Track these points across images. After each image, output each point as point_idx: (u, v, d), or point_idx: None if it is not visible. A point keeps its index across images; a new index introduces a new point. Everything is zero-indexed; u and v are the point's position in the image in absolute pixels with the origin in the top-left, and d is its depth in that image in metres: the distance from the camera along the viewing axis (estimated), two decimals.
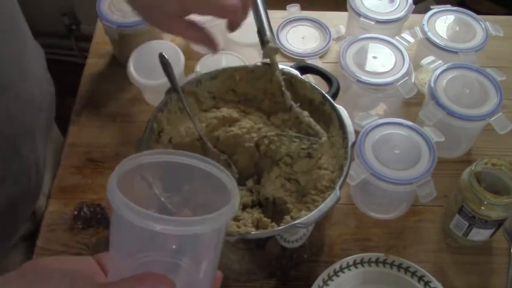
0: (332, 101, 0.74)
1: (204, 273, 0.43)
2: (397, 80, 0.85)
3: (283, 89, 0.75)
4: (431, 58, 0.89)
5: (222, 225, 0.41)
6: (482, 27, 0.94)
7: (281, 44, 1.01)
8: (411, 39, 0.92)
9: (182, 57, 0.92)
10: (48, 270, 0.43)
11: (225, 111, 0.77)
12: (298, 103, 0.75)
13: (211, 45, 0.69)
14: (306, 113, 0.74)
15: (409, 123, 0.81)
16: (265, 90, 0.78)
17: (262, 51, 0.75)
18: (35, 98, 0.77)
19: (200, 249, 0.43)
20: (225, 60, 0.93)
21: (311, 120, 0.74)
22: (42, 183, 0.84)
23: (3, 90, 0.69)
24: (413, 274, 0.74)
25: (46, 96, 0.82)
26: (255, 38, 0.76)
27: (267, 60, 0.76)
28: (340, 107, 0.73)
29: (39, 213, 0.85)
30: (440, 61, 0.88)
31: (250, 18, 0.77)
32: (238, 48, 0.95)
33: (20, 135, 0.73)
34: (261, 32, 0.74)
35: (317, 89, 0.75)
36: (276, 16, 1.03)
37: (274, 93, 0.78)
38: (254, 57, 0.91)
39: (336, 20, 1.06)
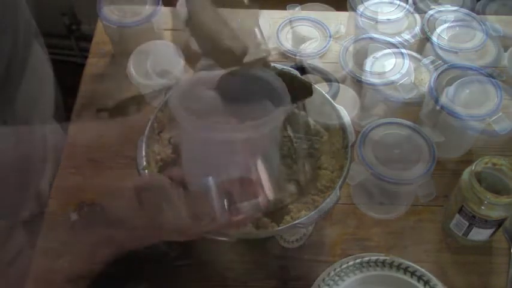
0: (332, 101, 0.74)
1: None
2: (397, 80, 0.85)
3: None
4: (431, 58, 0.89)
5: (275, 126, 0.46)
6: (482, 27, 0.94)
7: (281, 44, 1.01)
8: (411, 39, 0.92)
9: (182, 57, 0.91)
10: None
11: None
12: (295, 104, 0.75)
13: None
14: (303, 114, 0.74)
15: (409, 123, 0.81)
16: None
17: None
18: (41, 70, 0.78)
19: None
20: None
21: (310, 120, 0.73)
22: (47, 159, 0.84)
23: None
24: (413, 274, 0.74)
25: (48, 71, 0.83)
26: None
27: None
28: (340, 107, 0.73)
29: (44, 196, 0.86)
30: (440, 61, 0.88)
31: None
32: None
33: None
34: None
35: (317, 89, 0.75)
36: (276, 16, 1.03)
37: None
38: None
39: (336, 20, 1.06)
